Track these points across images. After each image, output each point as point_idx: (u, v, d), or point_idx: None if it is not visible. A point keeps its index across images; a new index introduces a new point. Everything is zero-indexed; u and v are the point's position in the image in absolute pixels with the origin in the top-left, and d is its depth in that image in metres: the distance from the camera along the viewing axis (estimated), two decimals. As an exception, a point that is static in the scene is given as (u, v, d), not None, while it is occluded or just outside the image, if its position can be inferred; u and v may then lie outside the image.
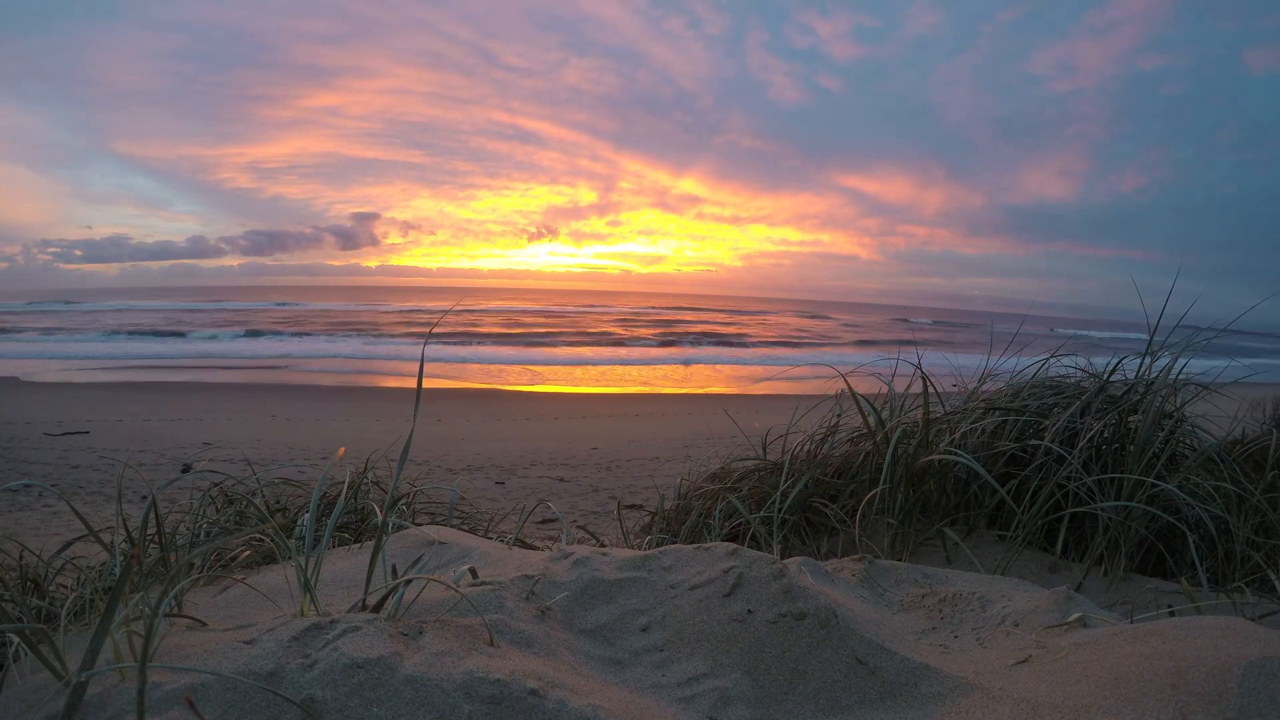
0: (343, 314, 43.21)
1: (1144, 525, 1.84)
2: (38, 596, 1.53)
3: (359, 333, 31.15)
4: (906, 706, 1.03)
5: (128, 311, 41.35)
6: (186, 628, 1.15)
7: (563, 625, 1.20)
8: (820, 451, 2.40)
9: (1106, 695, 0.91)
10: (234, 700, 0.88)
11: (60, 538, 4.18)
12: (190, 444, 9.17)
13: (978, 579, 1.57)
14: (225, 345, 26.29)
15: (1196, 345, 2.29)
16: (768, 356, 28.54)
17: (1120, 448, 2.05)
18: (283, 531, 1.80)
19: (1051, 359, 2.54)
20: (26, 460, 8.00)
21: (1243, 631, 1.01)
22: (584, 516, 5.27)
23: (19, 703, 0.92)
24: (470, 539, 1.63)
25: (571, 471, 7.69)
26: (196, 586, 1.47)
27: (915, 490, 2.08)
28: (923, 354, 2.41)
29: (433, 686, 0.91)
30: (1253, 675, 0.85)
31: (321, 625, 1.00)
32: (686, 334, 35.65)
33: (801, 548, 2.15)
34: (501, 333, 35.48)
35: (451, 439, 9.96)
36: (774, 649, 1.11)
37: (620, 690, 1.05)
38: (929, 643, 1.27)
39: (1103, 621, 1.23)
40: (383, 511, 1.37)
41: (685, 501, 2.57)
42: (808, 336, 41.61)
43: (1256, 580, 1.77)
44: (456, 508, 2.48)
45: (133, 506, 5.39)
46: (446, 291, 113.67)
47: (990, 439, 2.19)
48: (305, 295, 73.81)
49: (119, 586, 0.89)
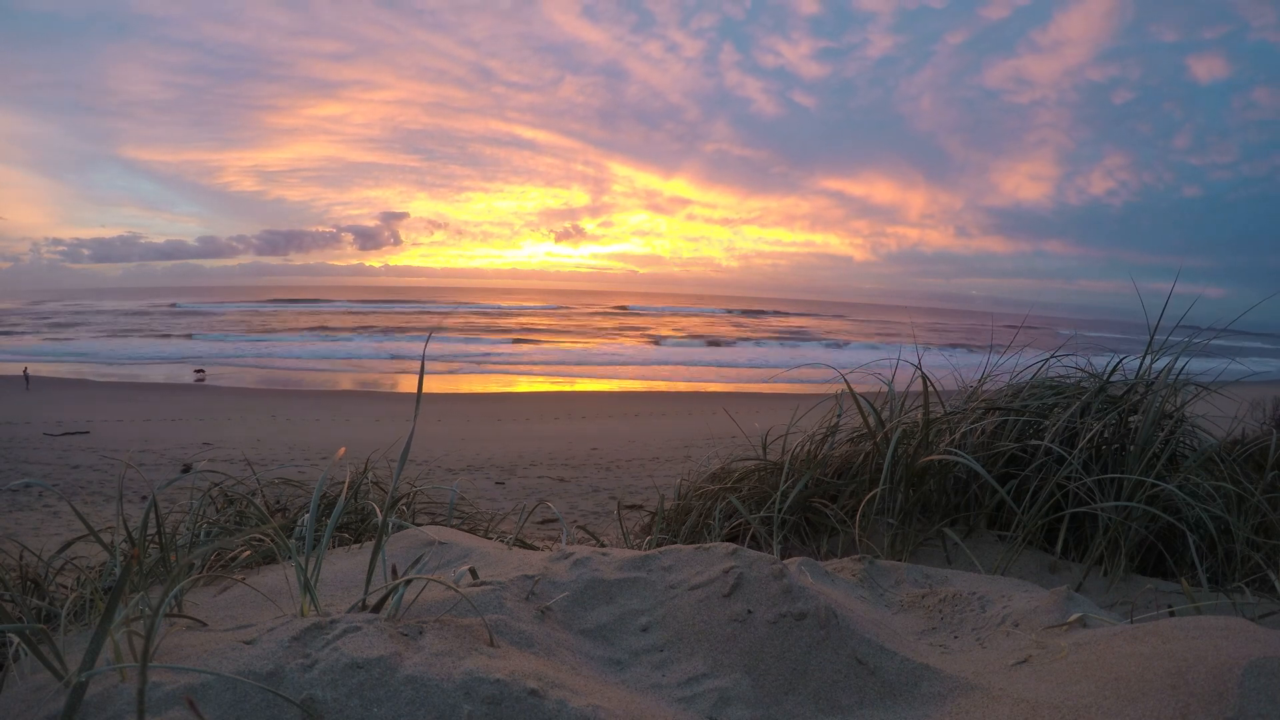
0: (387, 314, 44.04)
1: (1144, 525, 1.84)
2: (38, 596, 1.53)
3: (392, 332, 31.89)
4: (906, 706, 1.03)
5: (263, 314, 42.38)
6: (186, 628, 1.15)
7: (563, 625, 1.20)
8: (820, 451, 2.40)
9: (1106, 695, 0.91)
10: (234, 700, 0.88)
11: (60, 538, 4.18)
12: (190, 444, 9.17)
13: (978, 579, 1.57)
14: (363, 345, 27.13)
15: (1196, 346, 2.29)
16: (763, 359, 28.52)
17: (1120, 448, 2.05)
18: (283, 532, 1.80)
19: (1051, 359, 2.53)
20: (26, 460, 8.00)
21: (1243, 631, 1.01)
22: (584, 516, 5.27)
23: (19, 703, 0.92)
24: (470, 539, 1.63)
25: (571, 471, 7.69)
26: (197, 586, 1.47)
27: (915, 490, 2.08)
28: (922, 354, 2.41)
29: (433, 686, 0.91)
30: (1253, 675, 0.85)
31: (322, 625, 1.00)
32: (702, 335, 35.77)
33: (801, 548, 2.15)
34: (503, 333, 35.50)
35: (452, 439, 9.96)
36: (774, 649, 1.11)
37: (620, 690, 1.05)
38: (929, 643, 1.27)
39: (1103, 621, 1.23)
40: (383, 512, 1.37)
41: (685, 501, 2.57)
42: (807, 337, 41.60)
43: (1256, 580, 1.77)
44: (456, 508, 2.48)
45: (133, 506, 5.39)
46: (447, 291, 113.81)
47: (990, 439, 2.19)
48: (317, 294, 74.10)
49: (119, 586, 0.89)
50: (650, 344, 34.14)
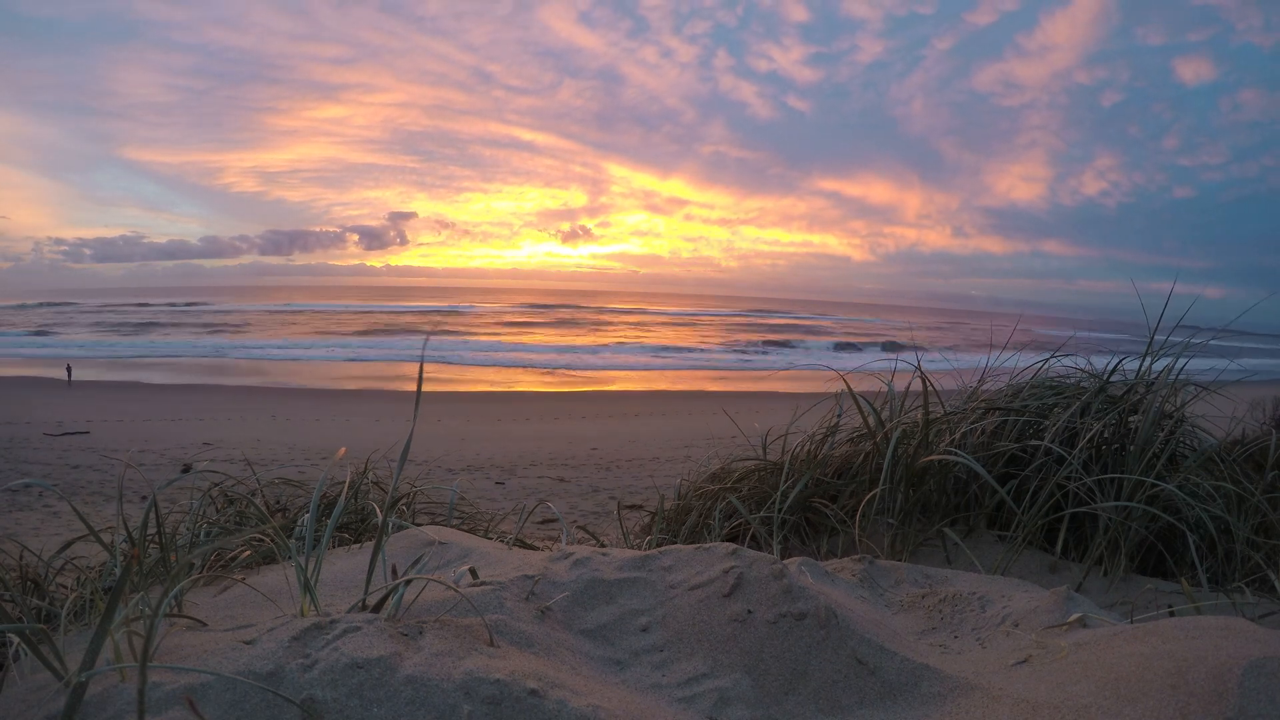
0: (386, 315, 44.31)
1: (1144, 525, 1.84)
2: (38, 596, 1.53)
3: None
4: (906, 706, 1.03)
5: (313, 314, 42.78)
6: (186, 628, 1.15)
7: (563, 625, 1.20)
8: (820, 451, 2.40)
9: (1106, 695, 0.91)
10: (234, 700, 0.88)
11: (60, 538, 4.18)
12: (190, 444, 9.17)
13: (978, 579, 1.57)
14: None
15: (1196, 346, 2.29)
16: (764, 359, 28.53)
17: (1120, 448, 2.05)
18: (283, 532, 1.80)
19: (1051, 359, 2.53)
20: (26, 460, 8.00)
21: (1243, 631, 1.01)
22: (584, 516, 5.27)
23: (19, 703, 0.92)
24: (470, 539, 1.63)
25: (571, 471, 7.69)
26: (197, 587, 1.47)
27: (915, 490, 2.08)
28: (922, 354, 2.41)
29: (433, 686, 0.91)
30: (1253, 675, 0.85)
31: (321, 625, 1.00)
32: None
33: (801, 548, 2.15)
34: (503, 334, 35.48)
35: (452, 439, 9.96)
36: (774, 649, 1.11)
37: (620, 690, 1.05)
38: (929, 643, 1.27)
39: (1103, 621, 1.23)
40: (383, 512, 1.37)
41: (685, 501, 2.57)
42: (808, 337, 41.59)
43: (1256, 580, 1.77)
44: (456, 508, 2.48)
45: (133, 506, 5.39)
46: (448, 292, 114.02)
47: (990, 439, 2.19)
48: (317, 296, 74.39)
49: (119, 586, 0.89)
50: (650, 344, 34.14)
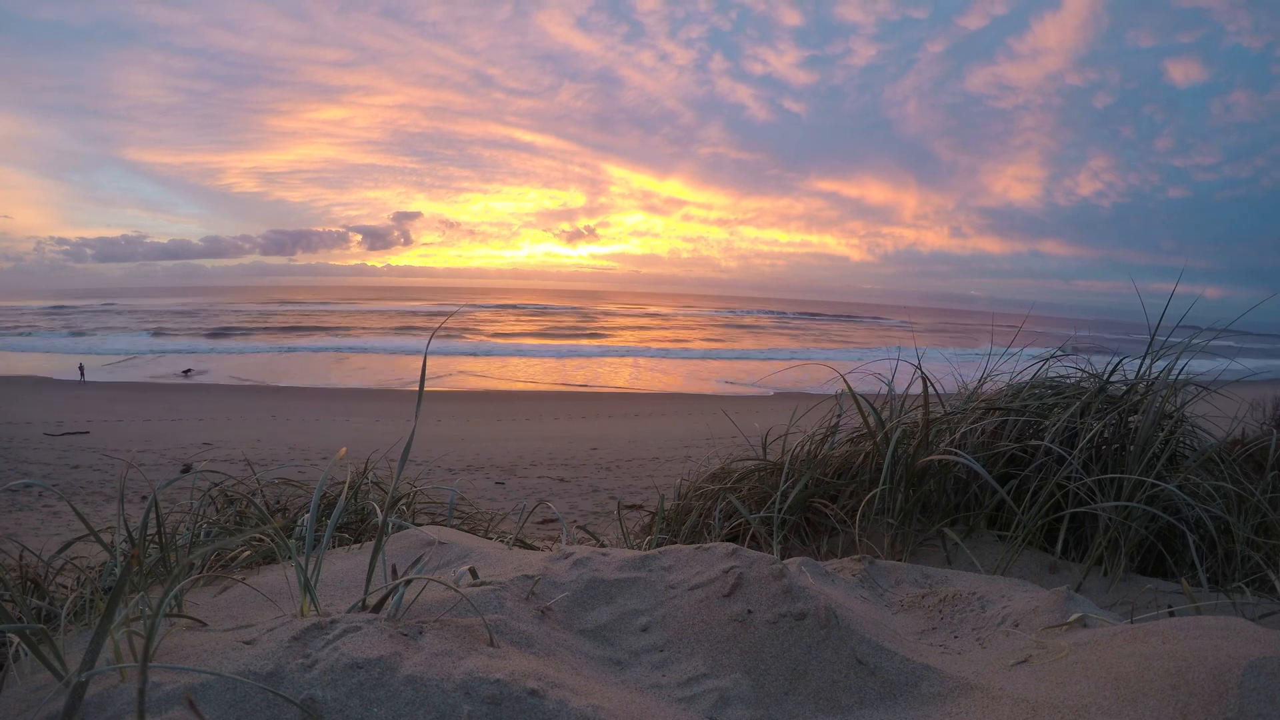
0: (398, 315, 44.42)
1: (1144, 525, 1.84)
2: (38, 596, 1.53)
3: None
4: (906, 706, 1.03)
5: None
6: (187, 628, 1.15)
7: (563, 625, 1.20)
8: (820, 452, 2.40)
9: (1106, 695, 0.91)
10: (234, 700, 0.88)
11: (60, 538, 4.19)
12: (190, 444, 9.18)
13: (978, 579, 1.57)
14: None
15: (1196, 346, 2.29)
16: (764, 358, 28.57)
17: (1120, 448, 2.05)
18: (283, 532, 1.80)
19: (1051, 359, 2.53)
20: (26, 460, 8.00)
21: (1243, 631, 1.01)
22: (584, 516, 5.27)
23: (19, 703, 0.92)
24: (470, 539, 1.63)
25: (571, 471, 7.69)
26: (197, 587, 1.47)
27: (915, 490, 2.08)
28: (922, 354, 2.41)
29: (433, 687, 0.91)
30: (1253, 675, 0.85)
31: (322, 625, 1.00)
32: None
33: (801, 548, 2.15)
34: (504, 332, 35.56)
35: (452, 439, 9.96)
36: (774, 649, 1.11)
37: (620, 690, 1.05)
38: (929, 643, 1.27)
39: (1103, 621, 1.23)
40: (383, 512, 1.37)
41: (685, 502, 2.57)
42: (809, 335, 41.61)
43: (1256, 580, 1.77)
44: (456, 508, 2.48)
45: (133, 506, 5.39)
46: (449, 291, 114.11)
47: (990, 439, 2.19)
48: (320, 295, 74.47)
49: (119, 587, 0.89)
50: (650, 345, 34.16)
